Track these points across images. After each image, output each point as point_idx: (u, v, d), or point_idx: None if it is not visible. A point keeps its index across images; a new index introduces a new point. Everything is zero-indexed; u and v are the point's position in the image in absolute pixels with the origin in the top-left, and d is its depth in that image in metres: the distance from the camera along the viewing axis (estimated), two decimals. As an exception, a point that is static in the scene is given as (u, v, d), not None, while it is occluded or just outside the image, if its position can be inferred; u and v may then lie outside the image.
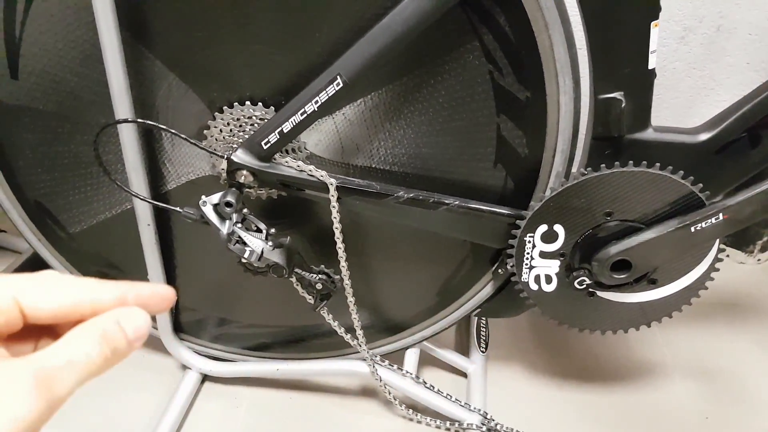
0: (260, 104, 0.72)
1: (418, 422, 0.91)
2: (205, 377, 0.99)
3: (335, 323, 0.83)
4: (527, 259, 0.73)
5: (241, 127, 0.73)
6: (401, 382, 0.90)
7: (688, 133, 0.70)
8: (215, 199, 0.69)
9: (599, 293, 0.76)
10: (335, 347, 0.93)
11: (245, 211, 0.72)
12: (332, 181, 0.70)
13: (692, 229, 0.67)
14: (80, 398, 0.31)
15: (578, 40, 0.65)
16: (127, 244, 0.85)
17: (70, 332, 0.26)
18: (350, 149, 0.75)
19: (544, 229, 0.71)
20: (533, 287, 0.76)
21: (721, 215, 0.67)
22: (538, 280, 0.75)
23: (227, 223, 0.70)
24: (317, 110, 0.66)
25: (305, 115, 0.66)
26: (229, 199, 0.69)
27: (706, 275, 0.73)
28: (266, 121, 0.71)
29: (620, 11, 0.63)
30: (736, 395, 0.96)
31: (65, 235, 0.87)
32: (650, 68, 0.66)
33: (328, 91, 0.64)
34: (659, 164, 0.66)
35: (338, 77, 0.63)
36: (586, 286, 0.74)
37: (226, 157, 0.70)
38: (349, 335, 0.85)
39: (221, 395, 0.97)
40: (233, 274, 0.82)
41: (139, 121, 0.72)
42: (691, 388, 0.97)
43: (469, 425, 0.88)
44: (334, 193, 0.71)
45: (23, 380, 0.23)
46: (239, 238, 0.70)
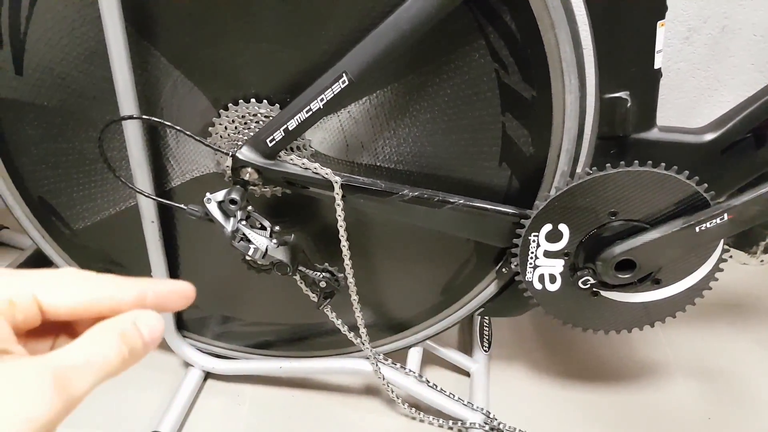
0: (265, 102, 0.71)
1: (420, 421, 0.91)
2: (207, 375, 0.98)
3: (338, 321, 0.83)
4: (531, 258, 0.73)
5: (246, 124, 0.73)
6: (404, 380, 0.90)
7: (693, 133, 0.70)
8: (220, 196, 0.69)
9: (603, 293, 0.76)
10: (338, 345, 0.93)
11: (250, 208, 0.72)
12: (337, 179, 0.70)
13: (697, 229, 0.67)
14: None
15: (584, 39, 0.65)
16: (130, 241, 0.84)
17: (88, 332, 0.26)
18: (355, 147, 0.75)
19: (548, 228, 0.71)
20: (537, 286, 0.76)
21: (725, 215, 0.66)
22: (542, 279, 0.75)
23: (232, 220, 0.70)
24: (322, 108, 0.66)
25: (310, 112, 0.66)
26: (233, 196, 0.69)
27: (710, 275, 0.73)
28: (271, 118, 0.71)
29: (626, 10, 0.63)
30: (738, 395, 0.96)
31: (69, 231, 0.87)
32: (656, 68, 0.66)
33: (333, 88, 0.64)
34: (664, 164, 0.66)
35: (344, 75, 0.63)
36: (590, 285, 0.74)
37: (230, 154, 0.70)
38: (352, 333, 0.85)
39: (224, 393, 0.97)
40: (237, 271, 0.82)
41: (144, 117, 0.72)
42: (693, 388, 0.97)
43: (471, 424, 0.88)
44: (338, 191, 0.71)
45: (42, 379, 0.23)
46: (243, 235, 0.70)
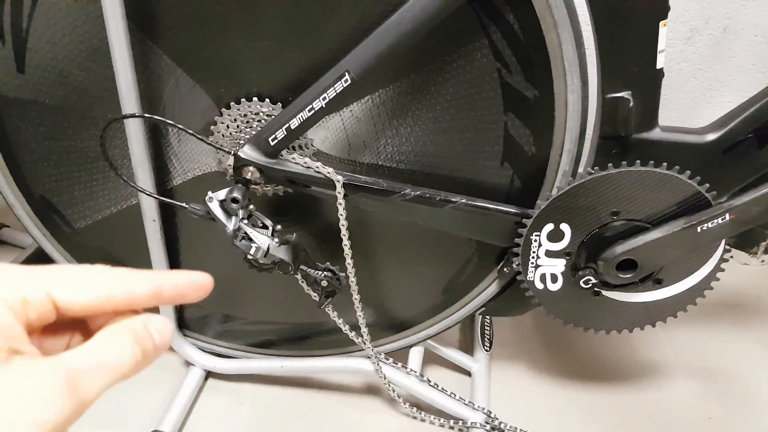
0: (267, 100, 0.71)
1: (422, 420, 0.91)
2: (208, 374, 0.98)
3: (340, 321, 0.83)
4: (533, 257, 0.73)
5: (248, 123, 0.73)
6: (405, 380, 0.90)
7: (695, 133, 0.70)
8: (222, 195, 0.69)
9: (605, 293, 0.76)
10: (339, 345, 0.93)
11: (251, 207, 0.72)
12: (339, 178, 0.70)
13: (698, 229, 0.67)
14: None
15: (586, 39, 0.65)
16: (132, 239, 0.84)
17: (100, 333, 0.26)
18: (357, 146, 0.75)
19: (550, 228, 0.71)
20: (539, 286, 0.76)
21: (727, 215, 0.67)
22: (543, 279, 0.75)
23: (233, 219, 0.70)
24: (325, 107, 0.66)
25: (313, 111, 0.66)
26: (235, 195, 0.69)
27: (711, 275, 0.73)
28: (273, 117, 0.71)
29: (629, 10, 0.63)
30: (739, 395, 0.96)
31: (70, 230, 0.87)
32: (658, 68, 0.66)
33: (336, 87, 0.64)
34: (666, 164, 0.66)
35: (346, 74, 0.63)
36: (591, 285, 0.74)
37: (232, 153, 0.70)
38: (353, 333, 0.85)
39: (225, 392, 0.97)
40: (238, 270, 0.82)
41: (146, 116, 0.72)
42: (694, 388, 0.97)
43: (473, 424, 0.88)
44: (340, 190, 0.70)
45: (53, 381, 0.22)
46: (245, 234, 0.70)
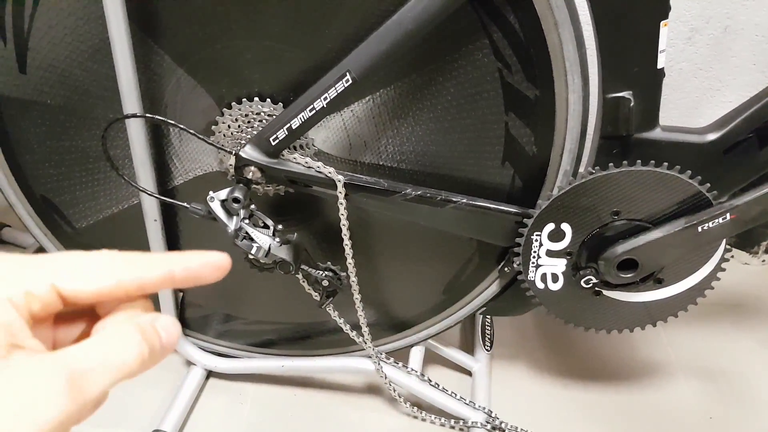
0: (269, 100, 0.71)
1: (422, 420, 0.91)
2: (209, 373, 0.99)
3: (341, 320, 0.83)
4: (534, 257, 0.73)
5: (249, 123, 0.73)
6: (406, 379, 0.90)
7: (696, 132, 0.70)
8: (223, 195, 0.69)
9: (605, 292, 0.76)
10: (340, 344, 0.93)
11: (252, 207, 0.72)
12: (340, 178, 0.70)
13: (699, 228, 0.67)
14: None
15: (587, 38, 0.65)
16: (133, 239, 0.85)
17: (107, 327, 0.25)
18: (358, 146, 0.75)
19: (551, 227, 0.71)
20: (539, 286, 0.76)
21: (728, 215, 0.67)
22: (544, 278, 0.75)
23: (234, 219, 0.70)
24: (326, 107, 0.66)
25: (314, 111, 0.66)
26: (236, 195, 0.69)
27: (712, 275, 0.73)
28: (275, 117, 0.71)
29: (630, 10, 0.63)
30: (739, 395, 0.96)
31: (71, 230, 0.87)
32: (659, 68, 0.66)
33: (337, 87, 0.64)
34: (667, 164, 0.66)
35: (347, 74, 0.64)
36: (592, 285, 0.74)
37: (234, 153, 0.70)
38: (354, 332, 0.85)
39: (226, 391, 0.97)
40: (239, 270, 0.82)
41: (147, 116, 0.72)
42: (695, 387, 0.97)
43: (473, 423, 0.88)
44: (341, 190, 0.71)
45: (53, 379, 0.21)
46: (246, 234, 0.70)
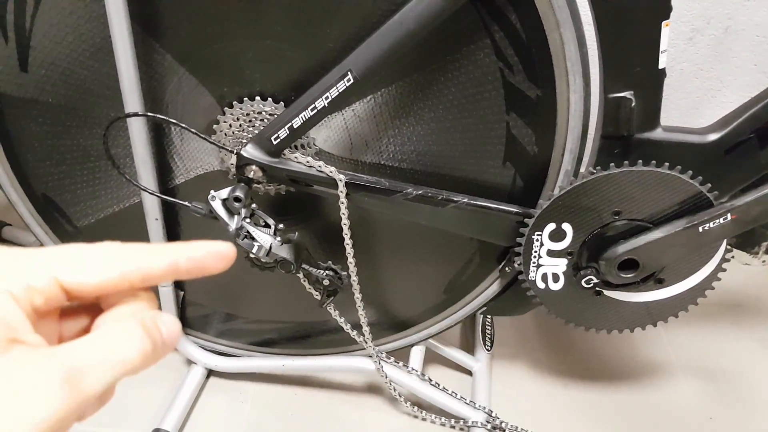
0: (270, 100, 0.72)
1: (423, 419, 0.91)
2: (210, 372, 0.99)
3: (341, 320, 0.83)
4: (535, 257, 0.73)
5: (250, 122, 0.73)
6: (407, 379, 0.90)
7: (697, 133, 0.70)
8: (224, 194, 0.70)
9: (606, 292, 0.76)
10: (341, 344, 0.93)
11: (254, 206, 0.72)
12: (341, 177, 0.70)
13: (700, 229, 0.68)
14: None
15: (589, 38, 0.65)
16: (134, 238, 0.84)
17: (109, 322, 0.25)
18: (359, 146, 0.75)
19: (552, 227, 0.71)
20: (540, 286, 0.76)
21: (729, 215, 0.67)
22: (545, 278, 0.75)
23: (236, 218, 0.70)
24: (327, 106, 0.66)
25: (315, 111, 0.66)
26: (238, 194, 0.69)
27: (713, 275, 0.73)
28: (276, 116, 0.71)
29: (631, 10, 0.63)
30: (740, 395, 0.96)
31: (72, 228, 0.87)
32: (660, 68, 0.66)
33: (338, 86, 0.64)
34: (668, 164, 0.66)
35: (349, 73, 0.64)
36: (593, 285, 0.74)
37: (235, 152, 0.70)
38: (355, 332, 0.85)
39: (226, 390, 0.97)
40: (240, 269, 0.82)
41: (149, 114, 0.72)
42: (695, 387, 0.97)
43: (474, 423, 0.89)
44: (342, 189, 0.71)
45: (51, 376, 0.21)
46: (247, 233, 0.70)
